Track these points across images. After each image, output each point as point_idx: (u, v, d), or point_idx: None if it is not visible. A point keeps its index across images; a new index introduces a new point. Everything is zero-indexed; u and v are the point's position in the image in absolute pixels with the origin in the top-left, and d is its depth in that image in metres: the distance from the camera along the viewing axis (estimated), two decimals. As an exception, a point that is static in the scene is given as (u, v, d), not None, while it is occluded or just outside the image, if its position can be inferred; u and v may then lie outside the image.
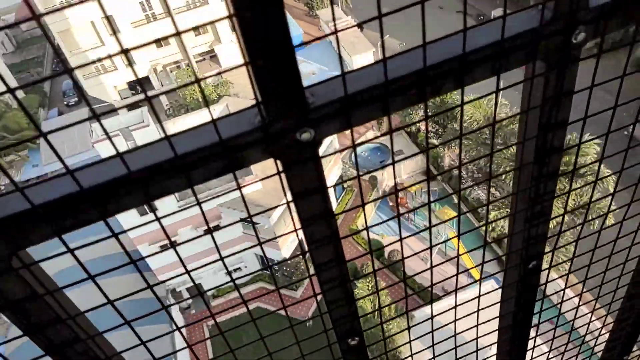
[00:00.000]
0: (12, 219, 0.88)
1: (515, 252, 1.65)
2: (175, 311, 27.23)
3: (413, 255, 1.47)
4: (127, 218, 19.99)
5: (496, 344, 2.20)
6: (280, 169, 1.00)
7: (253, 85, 0.88)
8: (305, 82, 0.92)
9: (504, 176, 24.14)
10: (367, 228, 1.20)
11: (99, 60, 19.66)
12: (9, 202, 0.89)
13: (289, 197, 1.04)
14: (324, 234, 1.19)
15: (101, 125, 0.84)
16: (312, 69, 36.68)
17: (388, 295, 24.57)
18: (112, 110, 33.11)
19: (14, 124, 37.29)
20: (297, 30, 38.47)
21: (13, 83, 43.08)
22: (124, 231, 1.18)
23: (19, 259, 0.95)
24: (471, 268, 2.52)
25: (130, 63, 1.07)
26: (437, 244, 5.33)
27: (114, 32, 32.47)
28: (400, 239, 1.32)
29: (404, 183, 29.86)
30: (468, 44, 0.96)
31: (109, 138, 0.86)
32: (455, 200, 26.31)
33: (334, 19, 1.00)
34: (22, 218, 0.89)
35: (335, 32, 0.86)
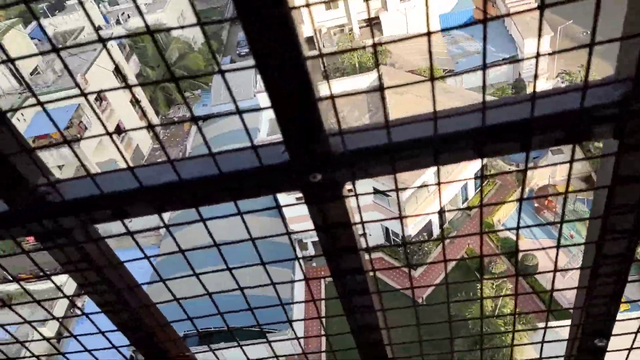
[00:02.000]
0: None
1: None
2: (297, 263, 28.85)
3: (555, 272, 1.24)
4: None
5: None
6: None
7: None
8: (459, 66, 0.78)
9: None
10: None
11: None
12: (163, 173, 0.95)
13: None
14: (349, 266, 1.11)
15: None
16: (477, 47, 34.48)
17: (512, 299, 22.98)
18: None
19: (193, 64, 41.67)
20: (468, 4, 36.19)
21: (197, 29, 48.02)
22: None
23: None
24: (622, 302, 2.14)
25: (301, 21, 1.02)
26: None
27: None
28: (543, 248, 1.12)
29: (557, 186, 27.11)
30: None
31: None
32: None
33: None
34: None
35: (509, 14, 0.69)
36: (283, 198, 26.22)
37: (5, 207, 0.97)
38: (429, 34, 0.73)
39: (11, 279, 1.25)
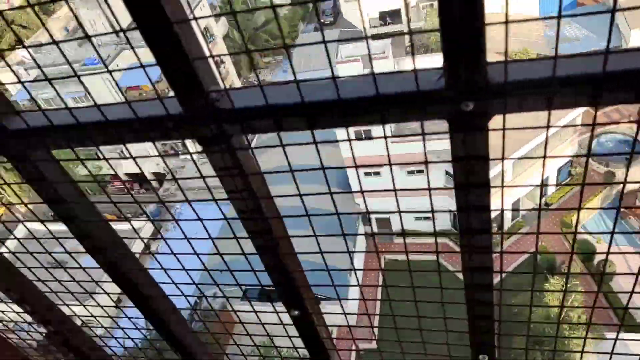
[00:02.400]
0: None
1: None
2: (360, 236, 29.12)
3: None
4: (344, 138, 21.52)
5: None
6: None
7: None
8: (563, 49, 0.80)
9: None
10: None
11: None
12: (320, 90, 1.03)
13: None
14: (477, 203, 1.13)
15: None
16: (577, 34, 32.00)
17: (581, 304, 21.85)
18: (356, 39, 34.67)
19: (277, 30, 42.19)
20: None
21: (286, -6, 48.42)
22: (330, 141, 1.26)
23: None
24: None
25: None
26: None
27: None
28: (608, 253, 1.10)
29: (648, 191, 25.04)
30: None
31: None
32: None
33: None
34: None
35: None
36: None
37: (179, 109, 1.10)
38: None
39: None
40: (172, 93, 1.12)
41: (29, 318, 2.95)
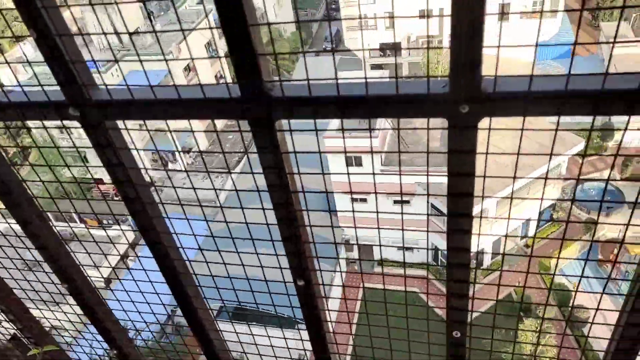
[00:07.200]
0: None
1: None
2: (342, 262, 29.26)
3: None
4: (335, 165, 22.00)
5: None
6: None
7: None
8: None
9: None
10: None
11: (364, 17, 21.19)
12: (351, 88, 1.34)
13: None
14: (462, 190, 1.43)
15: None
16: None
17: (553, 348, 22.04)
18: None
19: (280, 51, 43.09)
20: (570, 37, 34.90)
21: (289, 15, 49.49)
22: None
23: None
24: None
25: (392, 25, 1.44)
26: None
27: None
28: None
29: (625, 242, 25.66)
30: None
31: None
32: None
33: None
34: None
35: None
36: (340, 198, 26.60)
37: (239, 93, 1.40)
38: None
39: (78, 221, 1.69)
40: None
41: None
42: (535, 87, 1.18)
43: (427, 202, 23.56)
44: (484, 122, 1.28)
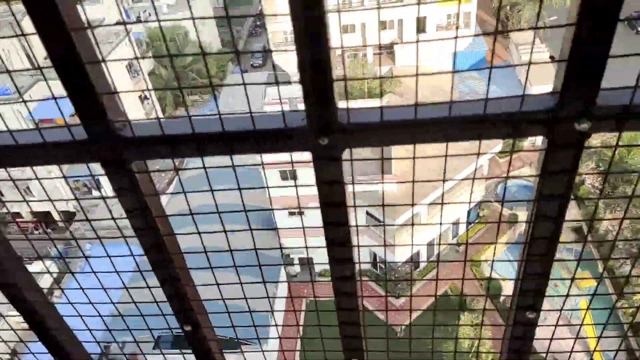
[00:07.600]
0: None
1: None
2: (282, 276, 28.98)
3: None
4: (271, 181, 21.83)
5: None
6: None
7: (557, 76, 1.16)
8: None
9: (669, 263, 20.81)
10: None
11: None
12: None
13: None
14: (338, 219, 1.40)
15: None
16: (485, 89, 35.13)
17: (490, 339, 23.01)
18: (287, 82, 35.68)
19: (205, 69, 42.38)
20: (482, 46, 37.08)
21: (214, 32, 48.97)
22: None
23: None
24: (595, 351, 2.40)
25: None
26: (562, 309, 4.89)
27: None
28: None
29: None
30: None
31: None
32: (599, 268, 23.44)
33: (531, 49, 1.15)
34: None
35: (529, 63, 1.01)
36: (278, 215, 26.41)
37: (85, 136, 1.27)
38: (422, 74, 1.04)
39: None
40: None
41: None
42: (389, 116, 1.16)
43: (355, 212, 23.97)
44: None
